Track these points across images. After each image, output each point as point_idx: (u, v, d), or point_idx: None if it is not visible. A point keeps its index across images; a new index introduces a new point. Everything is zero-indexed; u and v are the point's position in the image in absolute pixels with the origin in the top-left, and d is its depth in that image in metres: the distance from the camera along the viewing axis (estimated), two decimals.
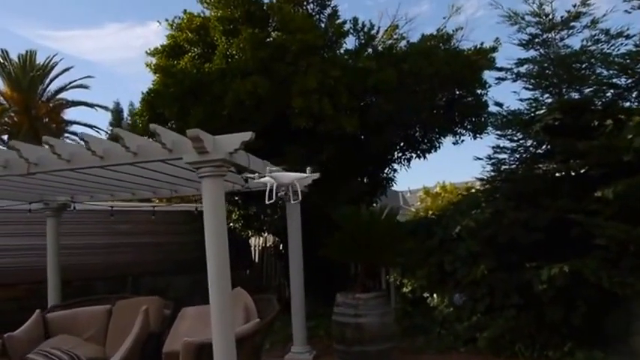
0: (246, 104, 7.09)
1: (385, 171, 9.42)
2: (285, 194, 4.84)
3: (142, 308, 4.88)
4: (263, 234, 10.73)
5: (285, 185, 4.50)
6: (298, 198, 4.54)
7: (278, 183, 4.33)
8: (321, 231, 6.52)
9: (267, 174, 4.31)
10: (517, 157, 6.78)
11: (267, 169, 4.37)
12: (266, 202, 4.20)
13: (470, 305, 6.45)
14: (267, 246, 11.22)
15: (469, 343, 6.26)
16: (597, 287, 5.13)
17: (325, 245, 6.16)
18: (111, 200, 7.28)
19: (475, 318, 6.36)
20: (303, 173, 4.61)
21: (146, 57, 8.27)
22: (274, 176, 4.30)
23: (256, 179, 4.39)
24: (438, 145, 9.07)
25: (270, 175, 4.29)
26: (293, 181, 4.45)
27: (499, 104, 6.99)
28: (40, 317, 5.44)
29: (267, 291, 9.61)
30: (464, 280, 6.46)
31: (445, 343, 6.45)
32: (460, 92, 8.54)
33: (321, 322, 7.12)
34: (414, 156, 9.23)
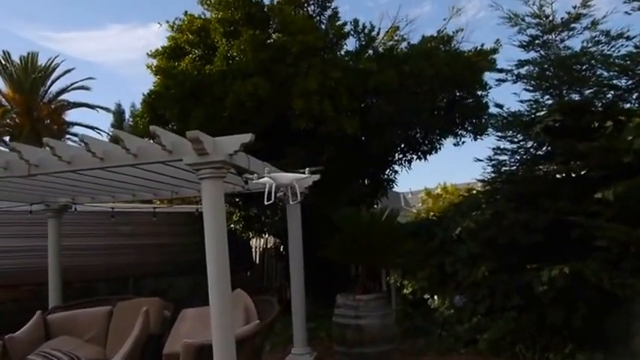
0: (246, 106, 7.10)
1: (386, 172, 9.43)
2: (284, 195, 4.84)
3: (142, 310, 4.87)
4: (264, 235, 10.73)
5: (284, 186, 4.50)
6: (297, 198, 4.54)
7: (277, 184, 4.33)
8: (322, 232, 6.53)
9: (265, 174, 4.31)
10: (517, 159, 6.77)
11: (265, 170, 4.37)
12: (265, 203, 4.21)
13: (470, 307, 6.44)
14: (267, 247, 11.22)
15: (470, 345, 6.26)
16: (598, 289, 5.11)
17: (326, 246, 6.16)
18: (112, 202, 7.28)
19: (476, 319, 6.35)
20: (301, 174, 4.62)
21: (147, 59, 8.30)
22: (273, 177, 4.30)
23: (255, 180, 4.39)
24: (439, 147, 9.09)
25: (268, 176, 4.29)
26: (292, 182, 4.46)
27: (499, 105, 6.99)
28: (41, 318, 5.43)
29: (267, 292, 9.61)
30: (464, 282, 6.45)
31: (446, 345, 6.45)
32: (461, 94, 8.55)
33: (322, 324, 7.11)
34: (415, 157, 9.25)
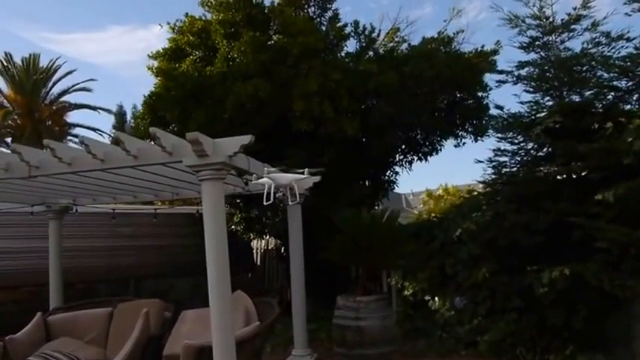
0: (247, 107, 7.11)
1: (387, 174, 9.44)
2: (283, 195, 4.84)
3: (143, 311, 4.87)
4: (265, 237, 10.74)
5: (283, 186, 4.50)
6: (296, 199, 4.54)
7: (276, 184, 4.33)
8: (323, 234, 6.54)
9: (265, 175, 4.32)
10: (518, 160, 6.77)
11: (264, 170, 4.38)
12: (264, 203, 4.21)
13: (471, 308, 6.44)
14: (268, 249, 11.22)
15: (470, 347, 6.25)
16: (598, 290, 5.11)
17: (326, 248, 6.16)
18: (113, 203, 7.29)
19: (476, 321, 6.34)
20: (300, 174, 4.62)
21: (148, 60, 8.32)
22: (272, 177, 4.30)
23: (254, 180, 4.39)
24: (440, 148, 9.10)
25: (267, 176, 4.29)
26: (291, 183, 4.46)
27: (499, 107, 6.98)
28: (42, 320, 5.44)
29: (268, 294, 9.61)
30: (465, 283, 6.45)
31: (446, 347, 6.45)
32: (461, 95, 8.57)
33: (323, 325, 7.10)
34: (416, 159, 9.27)
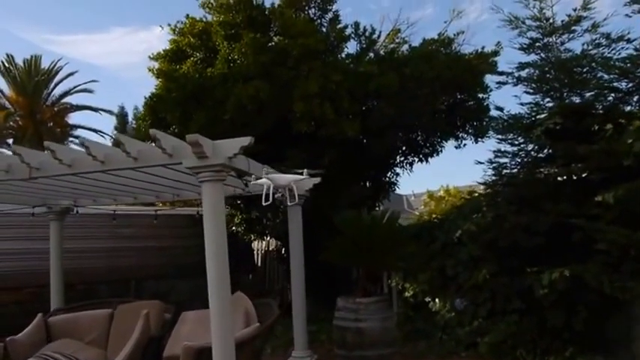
0: (247, 109, 7.12)
1: (388, 175, 9.46)
2: (282, 196, 4.85)
3: (143, 312, 4.88)
4: (265, 238, 10.75)
5: (281, 187, 4.50)
6: (295, 200, 4.55)
7: (275, 185, 4.34)
8: (323, 235, 6.54)
9: (263, 176, 4.32)
10: (518, 161, 6.75)
11: (263, 171, 4.38)
12: (262, 204, 4.21)
13: (471, 310, 6.43)
14: (269, 250, 11.23)
15: (470, 348, 6.25)
16: (598, 292, 5.10)
17: (326, 249, 6.17)
18: (114, 204, 7.30)
19: (477, 323, 6.34)
20: (299, 175, 4.63)
21: (149, 62, 8.34)
22: (271, 178, 4.31)
23: (252, 181, 4.40)
24: (440, 149, 9.12)
25: (266, 177, 4.30)
26: (290, 183, 4.46)
27: (500, 108, 6.97)
28: (42, 321, 5.45)
29: (269, 295, 9.61)
30: (466, 285, 6.44)
31: (446, 348, 6.45)
32: (461, 96, 8.57)
33: (323, 327, 7.11)
34: (417, 160, 9.28)
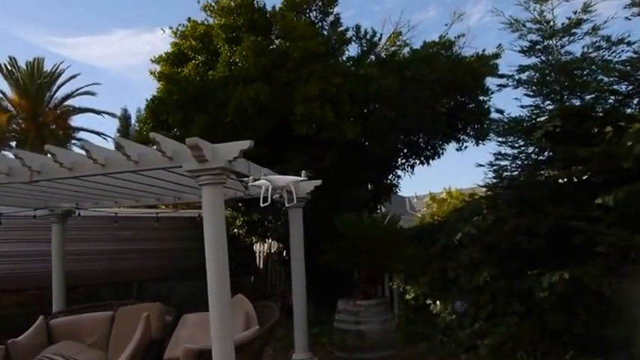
0: (248, 111, 7.15)
1: (389, 177, 9.46)
2: (280, 197, 4.86)
3: (144, 315, 4.90)
4: (267, 240, 10.76)
5: (280, 188, 4.52)
6: (294, 201, 4.55)
7: (273, 186, 4.35)
8: (325, 237, 6.55)
9: (261, 177, 4.34)
10: (519, 164, 6.74)
11: (262, 172, 4.39)
12: (261, 205, 4.22)
13: (472, 312, 6.43)
14: (271, 252, 11.23)
15: (471, 351, 6.24)
16: (598, 294, 5.10)
17: (327, 251, 6.17)
18: (115, 207, 7.32)
19: (477, 325, 6.32)
20: (297, 177, 4.64)
21: (151, 64, 8.38)
22: (269, 179, 4.32)
23: (251, 182, 4.41)
24: (441, 152, 9.12)
25: (265, 178, 4.31)
26: (288, 184, 4.47)
27: (500, 111, 6.97)
28: (44, 323, 5.48)
29: (271, 298, 9.62)
30: (466, 287, 6.44)
31: (447, 351, 6.44)
32: (462, 99, 8.58)
33: (325, 329, 7.13)
34: (418, 162, 9.27)
